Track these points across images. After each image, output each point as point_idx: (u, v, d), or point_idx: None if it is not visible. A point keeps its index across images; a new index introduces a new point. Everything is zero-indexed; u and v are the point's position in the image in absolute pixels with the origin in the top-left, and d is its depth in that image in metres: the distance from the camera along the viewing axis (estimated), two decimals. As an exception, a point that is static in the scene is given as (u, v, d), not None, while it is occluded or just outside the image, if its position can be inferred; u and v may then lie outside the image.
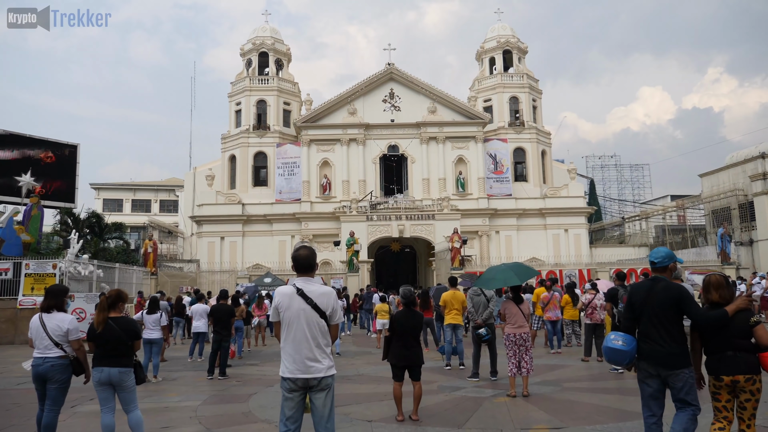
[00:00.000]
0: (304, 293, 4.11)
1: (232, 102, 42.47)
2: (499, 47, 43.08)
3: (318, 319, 4.08)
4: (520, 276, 8.29)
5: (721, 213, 34.69)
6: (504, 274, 8.33)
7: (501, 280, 8.36)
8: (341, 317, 4.31)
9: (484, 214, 38.04)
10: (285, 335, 4.12)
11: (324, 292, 4.17)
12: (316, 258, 4.37)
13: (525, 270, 8.52)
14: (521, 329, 8.14)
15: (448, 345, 10.98)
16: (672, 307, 4.30)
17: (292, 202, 38.56)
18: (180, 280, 29.59)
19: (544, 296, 13.43)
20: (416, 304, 6.96)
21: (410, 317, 6.76)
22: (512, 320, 8.23)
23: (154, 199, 64.98)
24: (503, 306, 8.44)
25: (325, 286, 4.34)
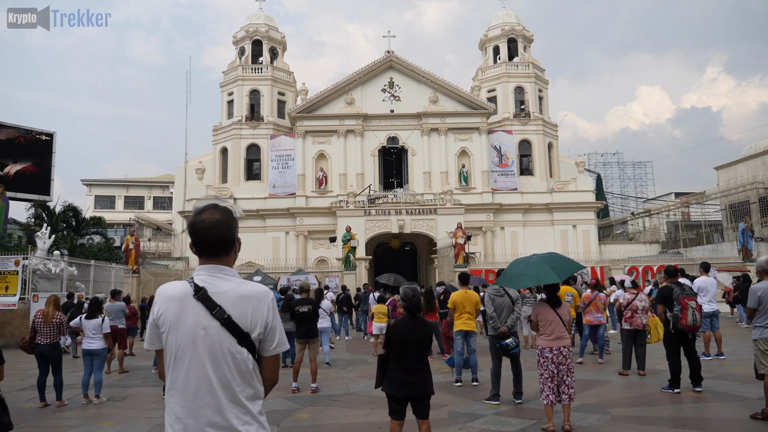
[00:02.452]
0: (207, 296, 2.19)
1: (224, 92, 40.50)
2: (503, 35, 41.10)
3: (232, 347, 2.17)
4: (558, 271, 6.22)
5: (739, 207, 32.74)
6: (536, 269, 6.28)
7: (532, 277, 6.29)
8: (283, 342, 2.34)
9: (489, 209, 36.08)
10: (170, 377, 2.20)
11: (247, 294, 2.25)
12: (236, 228, 2.41)
13: (564, 263, 6.42)
14: (560, 341, 6.18)
15: (458, 356, 9.03)
16: None
17: (287, 196, 36.60)
18: (164, 279, 27.60)
19: (586, 296, 11.45)
20: (421, 309, 4.99)
21: (414, 328, 4.84)
22: (548, 329, 6.25)
23: (148, 196, 63.19)
24: (536, 310, 6.48)
25: (254, 283, 2.39)
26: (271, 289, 18.25)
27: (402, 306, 5.01)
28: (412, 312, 4.91)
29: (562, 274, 6.32)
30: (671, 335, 7.77)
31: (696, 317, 7.43)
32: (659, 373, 9.58)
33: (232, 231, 2.29)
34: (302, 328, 9.03)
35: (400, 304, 5.05)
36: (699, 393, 7.85)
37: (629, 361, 9.50)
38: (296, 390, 8.89)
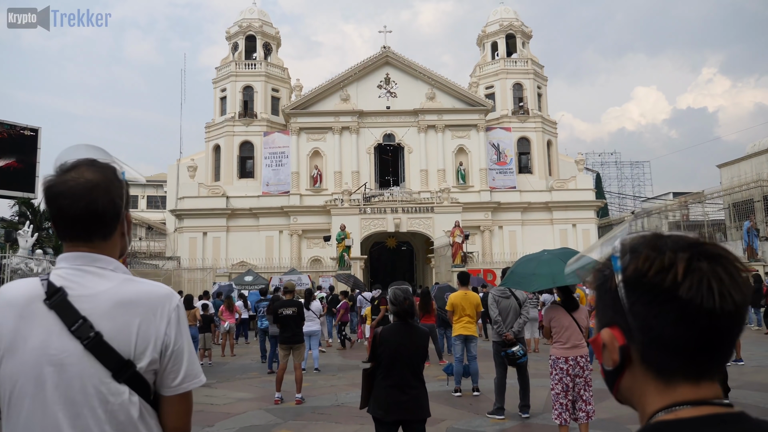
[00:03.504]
0: (66, 303, 1.38)
1: (216, 88, 39.64)
2: (501, 31, 40.34)
3: (104, 385, 1.36)
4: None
5: (743, 206, 32.04)
6: (551, 267, 5.41)
7: (546, 277, 5.42)
8: (195, 373, 1.50)
9: (487, 208, 35.31)
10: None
11: (132, 298, 1.44)
12: (122, 197, 1.53)
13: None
14: (577, 351, 5.38)
15: (457, 363, 8.25)
16: None
17: (280, 194, 35.76)
18: (153, 279, 26.73)
19: (592, 298, 10.69)
20: (415, 313, 4.19)
21: (407, 337, 4.04)
22: (563, 337, 5.45)
23: (141, 195, 62.33)
24: (548, 315, 5.68)
25: (148, 281, 1.59)
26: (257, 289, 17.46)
27: (391, 311, 4.20)
28: (404, 318, 4.11)
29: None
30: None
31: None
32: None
33: (114, 200, 1.46)
34: (286, 333, 8.22)
35: (390, 309, 4.25)
36: (726, 406, 7.07)
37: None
38: (279, 401, 8.10)
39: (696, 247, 0.83)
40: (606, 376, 0.90)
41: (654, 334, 0.82)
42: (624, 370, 0.87)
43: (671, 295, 0.80)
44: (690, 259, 0.81)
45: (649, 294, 0.82)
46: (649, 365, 0.85)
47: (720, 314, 0.80)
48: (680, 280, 0.80)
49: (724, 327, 0.81)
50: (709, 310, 0.79)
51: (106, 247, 1.45)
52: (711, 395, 0.83)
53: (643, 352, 0.84)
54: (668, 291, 0.81)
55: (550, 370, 5.53)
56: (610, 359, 0.87)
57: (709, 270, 0.80)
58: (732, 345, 0.84)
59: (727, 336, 0.82)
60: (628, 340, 0.85)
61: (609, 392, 0.93)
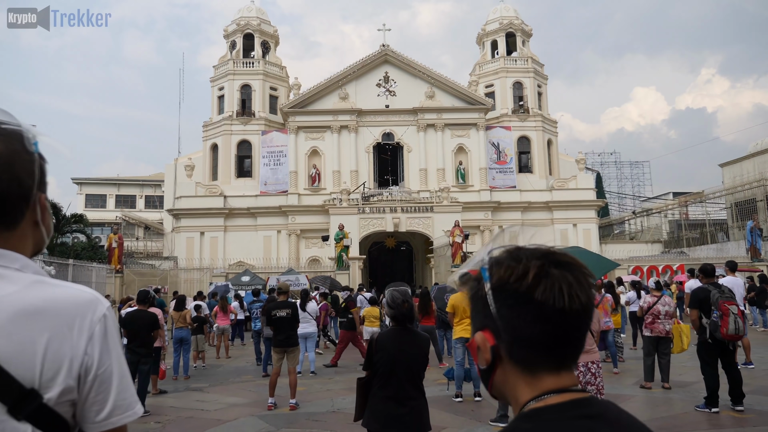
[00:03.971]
0: None
1: (214, 87, 39.32)
2: (501, 29, 40.02)
3: None
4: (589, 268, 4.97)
5: (746, 205, 31.74)
6: None
7: None
8: (129, 404, 1.12)
9: (486, 208, 34.99)
10: None
11: (39, 307, 1.03)
12: (33, 173, 1.09)
13: (594, 261, 5.22)
14: (587, 356, 5.06)
15: (458, 367, 7.91)
16: None
17: (278, 194, 35.43)
18: (149, 279, 26.43)
19: (594, 299, 10.38)
20: (414, 318, 3.84)
21: (406, 344, 3.71)
22: None
23: (139, 195, 61.99)
24: None
25: (66, 285, 1.22)
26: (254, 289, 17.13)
27: (389, 315, 3.86)
28: (403, 322, 3.77)
29: (595, 272, 5.03)
30: (708, 345, 6.66)
31: (739, 324, 6.34)
32: (685, 385, 8.50)
33: (21, 178, 1.10)
34: (280, 336, 7.88)
35: (386, 312, 3.92)
36: (741, 412, 6.75)
37: (652, 372, 8.37)
38: (272, 406, 7.76)
39: (548, 256, 0.97)
40: (481, 375, 1.01)
41: (517, 333, 0.94)
42: (496, 368, 0.98)
43: (529, 297, 0.93)
44: (542, 266, 0.95)
45: (511, 298, 0.95)
46: (517, 361, 0.96)
47: (570, 312, 0.93)
48: (534, 285, 0.93)
49: (574, 323, 0.95)
50: (561, 309, 0.92)
51: (10, 238, 1.09)
52: (570, 383, 0.95)
53: (510, 350, 0.96)
54: (526, 294, 0.94)
55: None
56: (484, 359, 0.98)
57: (559, 275, 0.94)
58: (582, 339, 0.97)
59: (577, 331, 0.96)
60: (497, 341, 0.97)
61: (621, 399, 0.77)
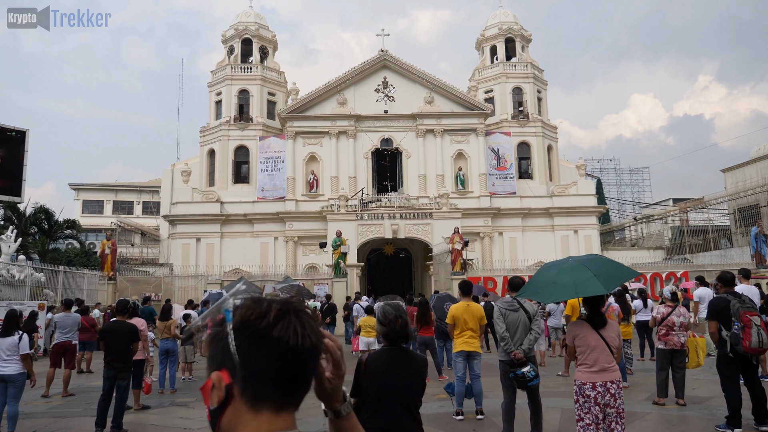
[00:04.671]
0: None
1: (212, 92, 38.93)
2: (500, 34, 39.71)
3: None
4: (604, 278, 4.49)
5: (749, 211, 31.30)
6: (573, 276, 4.59)
7: (568, 286, 4.57)
8: None
9: (486, 214, 34.53)
10: None
11: None
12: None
13: (612, 269, 4.71)
14: (606, 375, 4.58)
15: (459, 383, 7.42)
16: None
17: (276, 200, 34.96)
18: (143, 286, 25.97)
19: (610, 308, 9.92)
20: (409, 336, 3.35)
21: (399, 367, 3.23)
22: (589, 358, 4.64)
23: (137, 201, 61.61)
24: (572, 332, 4.87)
25: None
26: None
27: (380, 332, 3.37)
28: (396, 341, 3.29)
29: (610, 282, 4.56)
30: (729, 360, 6.19)
31: (762, 337, 5.87)
32: (701, 401, 8.01)
33: None
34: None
35: (378, 330, 3.43)
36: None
37: (666, 387, 7.89)
38: (261, 424, 7.28)
39: (286, 303, 1.09)
40: (210, 415, 1.05)
41: (253, 368, 1.02)
42: (227, 407, 1.03)
43: (267, 334, 1.02)
44: (281, 309, 1.06)
45: (252, 335, 1.03)
46: (247, 398, 1.03)
47: (301, 351, 1.03)
48: (273, 323, 1.03)
49: (304, 361, 1.05)
50: (294, 347, 1.03)
51: None
52: (285, 426, 1.03)
53: (243, 387, 1.03)
54: (265, 331, 1.03)
55: (575, 397, 4.72)
56: (217, 397, 1.04)
57: (295, 319, 1.05)
58: (309, 379, 1.09)
59: (305, 369, 1.06)
60: (232, 379, 1.03)
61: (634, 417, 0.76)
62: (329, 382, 1.29)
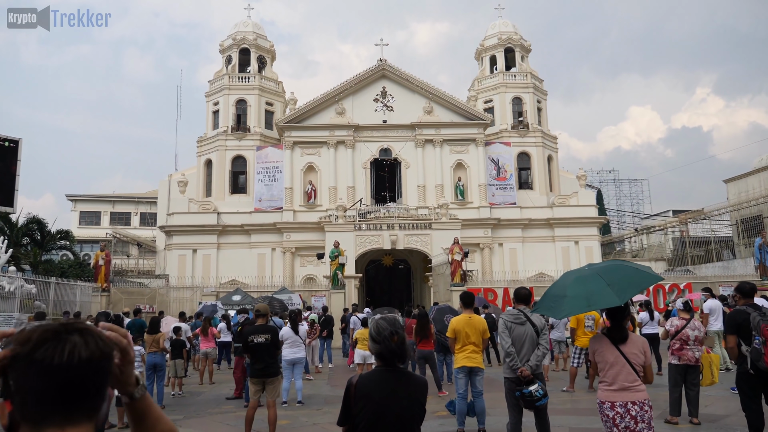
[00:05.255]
0: None
1: (209, 102, 38.68)
2: (500, 44, 39.55)
3: None
4: (619, 288, 4.09)
5: (752, 222, 30.94)
6: (586, 286, 4.20)
7: (580, 298, 4.20)
8: None
9: (486, 225, 34.15)
10: None
11: None
12: None
13: (630, 276, 4.26)
14: (628, 394, 4.21)
15: (461, 400, 6.99)
16: None
17: (273, 210, 34.58)
18: (137, 298, 25.49)
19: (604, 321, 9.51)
20: (407, 356, 2.94)
21: (395, 391, 2.80)
22: (608, 376, 4.29)
23: (134, 212, 61.14)
24: (592, 346, 4.51)
25: None
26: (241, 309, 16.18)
27: (373, 351, 2.90)
28: (392, 361, 2.84)
29: (625, 292, 4.16)
30: (749, 377, 5.77)
31: (787, 353, 5.46)
32: (716, 420, 7.59)
33: None
34: (258, 364, 6.97)
35: (371, 348, 2.93)
36: (789, 456, 5.84)
37: (679, 405, 7.45)
38: (249, 445, 6.84)
39: (63, 325, 1.11)
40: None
41: (25, 392, 1.05)
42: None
43: (30, 357, 1.05)
44: (46, 331, 1.08)
45: (20, 362, 1.06)
46: (27, 421, 1.06)
47: (70, 367, 1.05)
48: (36, 347, 1.06)
49: (83, 374, 1.07)
50: (60, 364, 1.04)
51: None
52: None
53: (22, 411, 1.06)
54: (29, 355, 1.06)
55: (601, 417, 4.43)
56: (2, 425, 1.07)
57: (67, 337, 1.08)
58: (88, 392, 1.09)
59: (81, 384, 1.07)
60: (14, 406, 1.07)
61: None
62: (118, 368, 1.26)
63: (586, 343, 10.68)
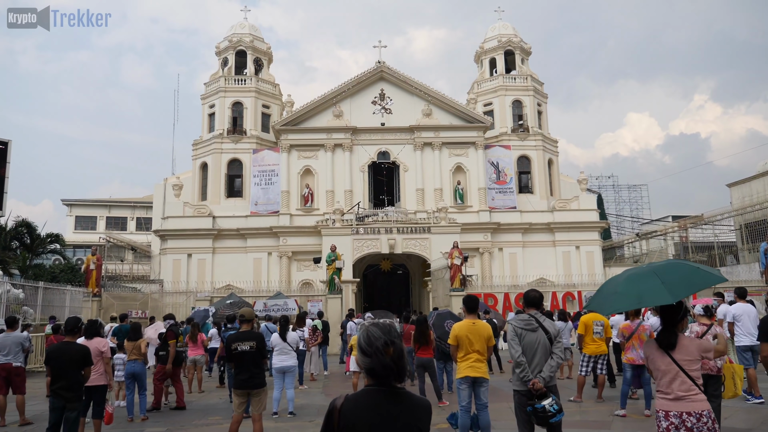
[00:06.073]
0: None
1: (205, 104, 38.16)
2: (500, 47, 39.12)
3: None
4: (673, 286, 3.75)
5: (756, 226, 30.44)
6: (638, 285, 3.93)
7: (630, 296, 3.95)
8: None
9: (486, 229, 33.60)
10: None
11: None
12: None
13: (689, 274, 3.94)
14: (682, 404, 3.87)
15: (463, 413, 6.42)
16: None
17: (270, 214, 34.01)
18: (129, 303, 24.91)
19: (625, 327, 8.94)
20: (405, 373, 2.31)
21: (389, 419, 2.18)
22: (662, 384, 3.98)
23: (131, 217, 60.58)
24: (645, 352, 4.24)
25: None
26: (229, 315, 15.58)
27: (363, 365, 2.28)
28: (386, 380, 2.24)
29: (680, 290, 3.79)
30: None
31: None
32: (739, 434, 7.03)
33: None
34: (242, 375, 6.40)
35: (360, 362, 2.32)
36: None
37: (699, 418, 6.91)
38: (233, 463, 6.27)
39: None
40: None
41: None
42: None
43: None
44: None
45: None
46: None
47: None
48: None
49: None
50: None
51: None
52: None
53: None
54: None
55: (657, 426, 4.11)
56: None
57: None
58: None
59: None
60: None
61: None
62: None
63: (595, 351, 10.16)
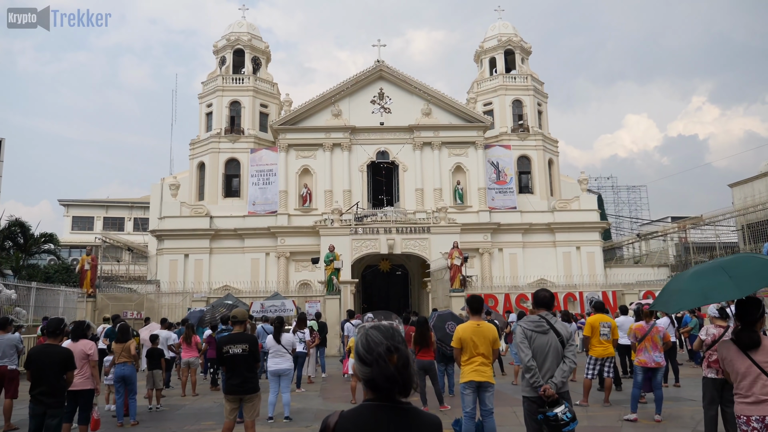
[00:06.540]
0: None
1: (202, 104, 37.82)
2: (500, 46, 38.84)
3: None
4: (742, 281, 3.64)
5: (758, 227, 30.15)
6: (704, 281, 3.87)
7: (695, 293, 3.90)
8: None
9: (486, 229, 33.29)
10: None
11: None
12: None
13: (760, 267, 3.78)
14: (766, 408, 3.77)
15: (467, 420, 6.08)
16: None
17: (267, 214, 33.68)
18: (125, 304, 24.55)
19: (638, 328, 8.62)
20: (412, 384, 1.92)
21: None
22: (741, 387, 3.86)
23: (128, 217, 60.27)
24: (720, 354, 4.05)
25: None
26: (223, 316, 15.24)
27: (362, 375, 1.93)
28: (388, 393, 1.88)
29: (750, 284, 3.66)
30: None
31: None
32: (757, 442, 6.69)
33: None
34: (234, 379, 6.07)
35: (358, 372, 1.95)
36: None
37: (715, 425, 6.58)
38: (224, 472, 5.94)
39: None
40: None
41: None
42: None
43: None
44: None
45: None
46: None
47: None
48: None
49: None
50: None
51: None
52: None
53: None
54: None
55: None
56: None
57: None
58: None
59: None
60: None
61: None
62: None
63: (601, 353, 9.83)
